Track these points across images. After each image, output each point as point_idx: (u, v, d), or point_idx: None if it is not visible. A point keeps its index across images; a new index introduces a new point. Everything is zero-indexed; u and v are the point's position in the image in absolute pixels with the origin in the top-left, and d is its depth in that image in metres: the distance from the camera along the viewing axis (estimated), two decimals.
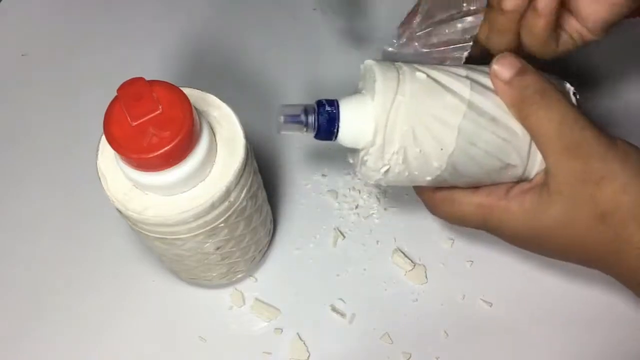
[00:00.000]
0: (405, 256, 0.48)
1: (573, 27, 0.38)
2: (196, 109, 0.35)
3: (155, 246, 0.39)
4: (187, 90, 0.35)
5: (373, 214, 0.50)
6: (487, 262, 0.47)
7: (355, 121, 0.36)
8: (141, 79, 0.34)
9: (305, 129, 0.37)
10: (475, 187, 0.38)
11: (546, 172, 0.36)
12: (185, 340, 0.46)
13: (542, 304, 0.46)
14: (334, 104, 0.37)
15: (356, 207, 0.50)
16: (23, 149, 0.54)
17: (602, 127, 0.35)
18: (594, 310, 0.45)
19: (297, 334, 0.46)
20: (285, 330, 0.46)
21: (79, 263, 0.49)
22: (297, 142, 0.53)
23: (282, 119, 0.37)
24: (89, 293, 0.48)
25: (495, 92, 0.36)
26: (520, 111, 0.35)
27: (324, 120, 0.37)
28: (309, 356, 0.45)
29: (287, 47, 0.58)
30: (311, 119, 0.37)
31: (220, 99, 0.39)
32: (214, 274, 0.44)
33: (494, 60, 0.36)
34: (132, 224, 0.38)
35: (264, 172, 0.44)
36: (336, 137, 0.37)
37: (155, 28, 0.59)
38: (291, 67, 0.56)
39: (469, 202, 0.38)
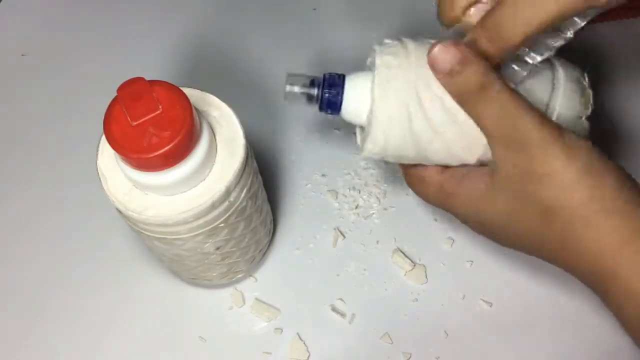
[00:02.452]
0: (405, 256, 0.48)
1: None
2: (196, 109, 0.35)
3: (155, 246, 0.39)
4: (187, 90, 0.35)
5: (373, 214, 0.50)
6: (487, 262, 0.47)
7: (359, 96, 0.37)
8: (141, 79, 0.34)
9: (309, 101, 0.38)
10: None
11: (491, 164, 0.35)
12: (185, 340, 0.46)
13: (541, 304, 0.46)
14: (339, 78, 0.37)
15: (356, 207, 0.50)
16: (23, 149, 0.54)
17: (547, 119, 0.33)
18: (595, 310, 0.45)
19: (297, 334, 0.46)
20: (285, 330, 0.46)
21: (79, 263, 0.49)
22: (297, 141, 0.53)
23: (287, 88, 0.38)
24: (89, 293, 0.48)
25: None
26: (462, 104, 0.34)
27: (328, 93, 0.37)
28: (309, 356, 0.45)
29: (287, 47, 0.58)
30: (316, 91, 0.37)
31: (220, 99, 0.39)
32: (214, 274, 0.44)
33: (433, 46, 0.33)
34: (132, 224, 0.38)
35: (264, 172, 0.44)
36: (339, 111, 0.38)
37: (155, 28, 0.59)
38: (291, 67, 0.56)
39: (434, 181, 0.38)
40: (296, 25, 0.59)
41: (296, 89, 0.38)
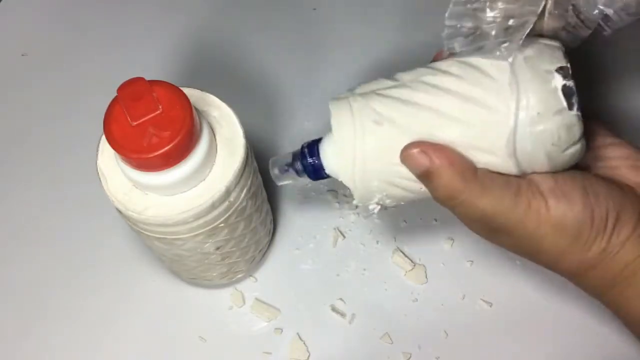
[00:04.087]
0: (405, 256, 0.48)
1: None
2: (196, 109, 0.35)
3: (155, 246, 0.40)
4: (187, 90, 0.35)
5: (373, 214, 0.50)
6: (487, 262, 0.47)
7: (333, 152, 0.37)
8: (141, 79, 0.34)
9: (300, 175, 0.38)
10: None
11: None
12: (185, 340, 0.46)
13: (541, 304, 0.46)
14: (315, 144, 0.37)
15: (356, 207, 0.50)
16: (23, 149, 0.54)
17: (524, 194, 0.33)
18: (595, 311, 0.45)
19: (297, 334, 0.46)
20: (285, 330, 0.46)
21: (79, 263, 0.49)
22: (297, 141, 0.53)
23: (274, 172, 0.39)
24: (89, 293, 0.48)
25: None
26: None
27: (308, 162, 0.37)
28: (309, 356, 0.45)
29: (287, 47, 0.58)
30: (299, 165, 0.38)
31: (220, 99, 0.39)
32: (214, 274, 0.44)
33: (411, 147, 0.33)
34: (132, 224, 0.38)
35: (264, 172, 0.44)
36: (327, 173, 0.37)
37: (155, 28, 0.59)
38: (291, 67, 0.56)
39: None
40: (296, 25, 0.59)
41: (280, 170, 0.38)
